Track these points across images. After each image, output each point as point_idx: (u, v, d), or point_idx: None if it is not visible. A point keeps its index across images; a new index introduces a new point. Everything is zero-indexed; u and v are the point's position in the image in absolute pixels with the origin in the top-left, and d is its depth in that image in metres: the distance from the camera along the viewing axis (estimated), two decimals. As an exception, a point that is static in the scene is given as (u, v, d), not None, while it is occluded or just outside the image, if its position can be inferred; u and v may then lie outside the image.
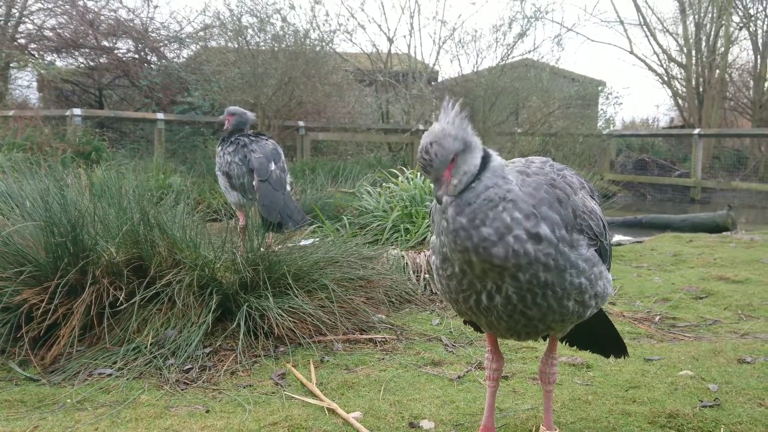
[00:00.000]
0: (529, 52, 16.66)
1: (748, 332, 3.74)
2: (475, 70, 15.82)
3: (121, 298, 3.24)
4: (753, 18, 20.32)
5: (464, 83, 15.20)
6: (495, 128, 14.55)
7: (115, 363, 3.07)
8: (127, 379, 2.94)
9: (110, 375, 2.98)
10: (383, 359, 3.28)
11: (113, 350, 3.17)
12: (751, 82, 21.57)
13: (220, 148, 5.18)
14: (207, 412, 2.62)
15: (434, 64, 17.30)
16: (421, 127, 15.29)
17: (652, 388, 2.80)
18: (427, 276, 4.65)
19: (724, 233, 8.80)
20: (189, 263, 3.44)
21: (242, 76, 13.03)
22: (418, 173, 6.70)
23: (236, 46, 13.46)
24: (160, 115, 13.06)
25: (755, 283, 4.98)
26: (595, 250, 1.94)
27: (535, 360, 3.24)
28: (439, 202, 1.79)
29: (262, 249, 3.75)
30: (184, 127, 14.11)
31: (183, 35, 16.32)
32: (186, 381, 2.96)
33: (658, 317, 4.13)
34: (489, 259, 1.74)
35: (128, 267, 3.43)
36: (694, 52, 20.90)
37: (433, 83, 17.47)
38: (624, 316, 4.11)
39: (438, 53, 18.46)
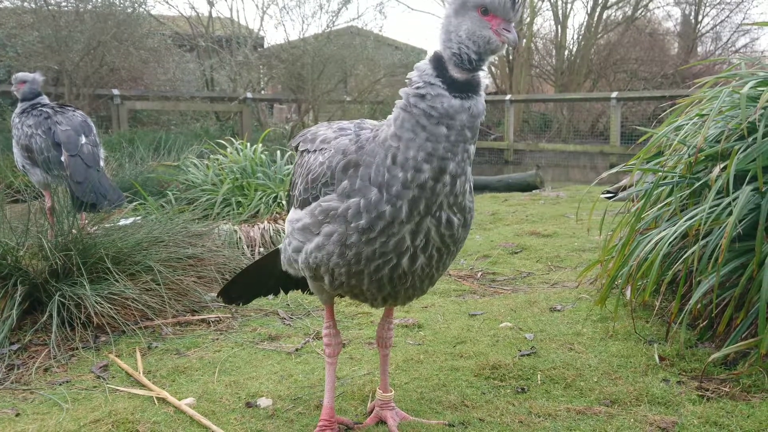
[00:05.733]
0: (354, 20, 16.86)
1: (558, 281, 4.13)
2: (301, 36, 15.62)
3: None
4: (554, -10, 22.18)
5: (291, 50, 14.94)
6: (324, 96, 14.51)
7: None
8: None
9: None
10: (217, 339, 3.17)
11: None
12: (554, 51, 23.70)
13: (18, 119, 4.64)
14: (17, 415, 2.36)
15: (259, 30, 16.86)
16: (249, 95, 14.83)
17: (477, 342, 2.99)
18: (261, 250, 4.56)
19: (534, 191, 9.66)
20: (-15, 253, 3.04)
21: (42, 40, 11.70)
22: (248, 144, 6.50)
23: (33, 6, 12.02)
24: (-57, 85, 11.34)
25: (561, 236, 5.52)
26: None
27: (370, 325, 3.32)
28: (513, 45, 1.84)
29: (74, 231, 3.42)
30: (-26, 98, 12.40)
31: (-33, -8, 14.23)
32: (-10, 385, 2.64)
33: (480, 273, 4.42)
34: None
35: None
36: (503, 23, 22.38)
37: (259, 49, 16.98)
38: (450, 274, 4.34)
39: (262, 18, 18.07)
